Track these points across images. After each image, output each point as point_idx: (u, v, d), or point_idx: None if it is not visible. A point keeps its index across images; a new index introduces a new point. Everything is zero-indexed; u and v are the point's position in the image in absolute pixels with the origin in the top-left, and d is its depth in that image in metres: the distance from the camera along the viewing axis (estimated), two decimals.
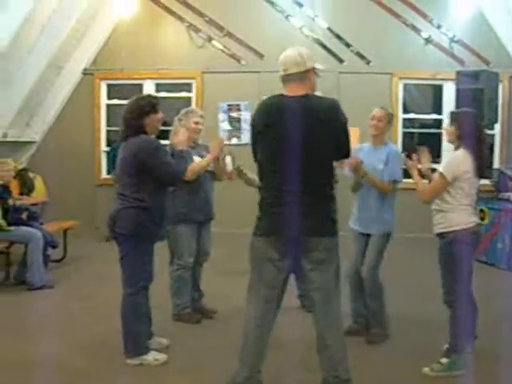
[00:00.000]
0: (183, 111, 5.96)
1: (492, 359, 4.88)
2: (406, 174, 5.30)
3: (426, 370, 4.63)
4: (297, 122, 3.78)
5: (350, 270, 5.55)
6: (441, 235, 4.69)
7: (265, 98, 4.08)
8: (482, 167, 4.61)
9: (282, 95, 3.96)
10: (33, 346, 5.18)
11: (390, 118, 5.60)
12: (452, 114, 5.03)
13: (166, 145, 5.49)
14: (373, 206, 5.42)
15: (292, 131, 3.76)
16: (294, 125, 3.77)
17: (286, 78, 3.94)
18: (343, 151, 4.01)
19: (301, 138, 3.76)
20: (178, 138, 5.15)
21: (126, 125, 4.73)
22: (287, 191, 3.82)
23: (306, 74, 3.92)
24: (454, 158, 4.62)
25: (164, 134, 5.69)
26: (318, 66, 4.00)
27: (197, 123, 5.87)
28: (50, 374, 4.53)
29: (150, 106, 4.73)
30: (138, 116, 4.68)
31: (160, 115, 4.80)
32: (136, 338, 4.78)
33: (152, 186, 4.66)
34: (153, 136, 4.81)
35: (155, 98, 4.98)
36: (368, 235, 5.48)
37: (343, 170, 5.42)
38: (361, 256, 5.51)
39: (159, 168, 4.64)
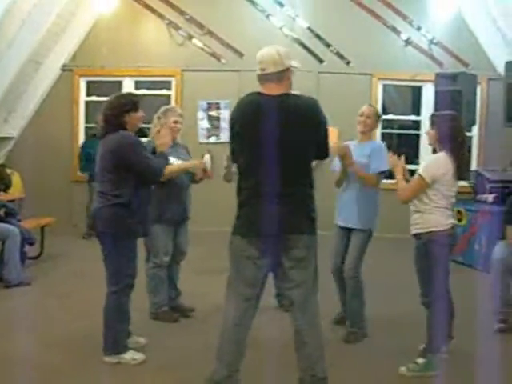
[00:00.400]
0: (162, 109, 5.94)
1: (467, 359, 4.91)
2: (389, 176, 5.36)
3: (403, 369, 4.66)
4: (276, 122, 3.75)
5: (333, 265, 5.62)
6: (417, 236, 4.71)
7: (243, 96, 4.06)
8: (462, 169, 4.63)
9: (259, 93, 3.93)
10: (9, 343, 5.15)
11: (378, 116, 5.69)
12: (432, 116, 5.04)
13: (144, 142, 5.48)
14: (355, 201, 5.44)
15: (271, 131, 3.74)
16: (272, 124, 3.74)
17: (264, 77, 3.90)
18: (323, 150, 4.01)
19: (280, 137, 3.75)
20: (163, 140, 5.07)
21: (105, 121, 4.71)
22: (266, 190, 3.80)
23: (285, 73, 3.89)
24: (434, 161, 4.64)
25: (143, 132, 5.67)
26: (294, 63, 3.97)
27: (176, 122, 5.84)
28: (27, 371, 4.51)
29: (130, 103, 4.71)
30: (119, 113, 4.65)
31: (140, 114, 4.78)
32: (116, 336, 4.76)
33: (132, 183, 4.63)
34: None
35: (136, 96, 4.97)
36: (350, 230, 5.51)
37: (331, 165, 5.54)
38: (342, 251, 5.55)
39: (139, 164, 4.62)
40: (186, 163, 5.76)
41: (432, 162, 4.64)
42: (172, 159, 5.65)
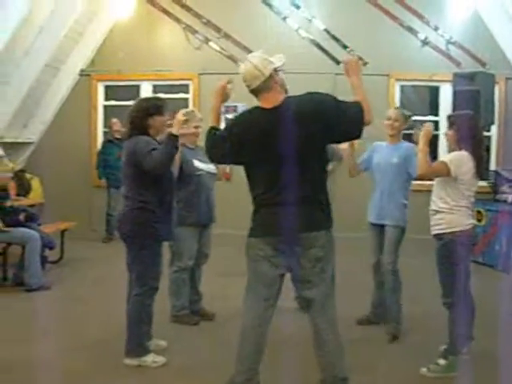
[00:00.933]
0: (184, 112, 5.96)
1: (489, 360, 4.88)
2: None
3: (424, 370, 4.65)
4: (281, 132, 3.78)
5: (373, 261, 5.83)
6: (438, 236, 4.70)
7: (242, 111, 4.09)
8: (481, 168, 4.62)
9: (259, 108, 3.96)
10: (30, 347, 5.18)
11: (405, 118, 5.78)
12: (449, 117, 5.04)
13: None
14: (386, 197, 5.64)
15: (278, 141, 3.78)
16: (279, 136, 3.79)
17: (254, 91, 3.94)
18: (351, 127, 3.93)
19: (288, 145, 3.77)
20: (183, 130, 5.01)
21: (130, 124, 4.75)
22: (280, 195, 3.85)
23: (269, 82, 3.89)
24: (459, 157, 4.60)
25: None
26: (277, 63, 3.94)
27: (197, 127, 5.89)
28: (48, 376, 4.51)
29: (155, 107, 4.75)
30: (143, 116, 4.70)
31: (165, 118, 4.80)
32: (138, 338, 4.79)
33: (155, 186, 4.65)
34: (154, 137, 4.80)
35: (162, 100, 4.98)
36: (383, 227, 5.67)
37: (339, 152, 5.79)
38: (379, 248, 5.73)
39: (140, 157, 4.58)
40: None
41: (456, 158, 4.61)
42: (196, 162, 5.70)
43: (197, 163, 5.74)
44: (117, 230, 4.77)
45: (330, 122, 3.84)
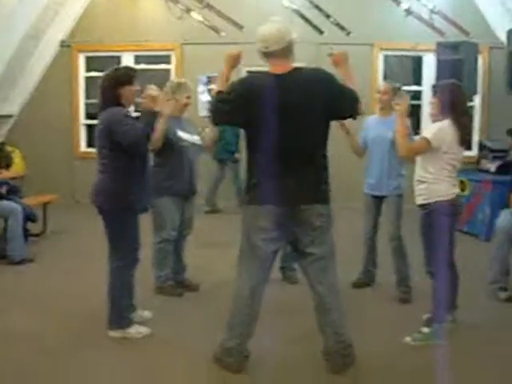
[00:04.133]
0: (173, 84, 5.90)
1: (472, 329, 4.94)
2: None
3: (408, 339, 4.67)
4: (288, 99, 3.84)
5: (367, 228, 6.02)
6: (422, 206, 4.70)
7: (247, 72, 4.09)
8: (465, 137, 4.62)
9: (268, 73, 3.99)
10: (13, 319, 5.17)
11: (395, 91, 5.82)
12: (434, 86, 5.04)
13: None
14: (383, 169, 5.77)
15: (284, 108, 3.82)
16: (285, 102, 3.83)
17: (268, 54, 3.97)
18: (350, 107, 4.05)
19: (293, 112, 3.85)
20: (164, 107, 4.97)
21: (102, 94, 4.69)
22: (280, 163, 3.87)
23: (288, 49, 3.96)
24: (441, 128, 4.58)
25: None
26: (294, 36, 4.02)
27: (189, 97, 5.88)
28: (31, 349, 4.53)
29: (125, 76, 4.67)
30: (114, 86, 4.62)
31: (136, 87, 4.72)
32: (121, 310, 4.77)
33: (127, 158, 4.60)
34: (126, 107, 4.76)
35: (133, 69, 4.91)
36: (381, 197, 5.83)
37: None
38: (375, 217, 5.95)
39: (118, 132, 4.51)
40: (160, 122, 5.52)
41: (439, 128, 4.59)
42: (180, 133, 5.66)
43: (180, 133, 5.70)
44: (91, 201, 4.73)
45: (331, 96, 3.91)
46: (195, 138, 5.85)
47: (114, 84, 4.63)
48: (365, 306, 5.58)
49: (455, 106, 4.58)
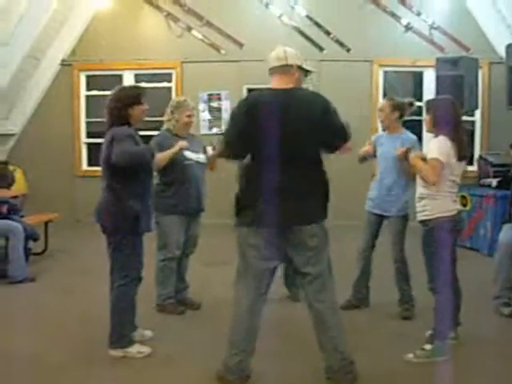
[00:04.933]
0: (174, 102, 5.92)
1: (475, 345, 4.91)
2: None
3: (410, 356, 4.64)
4: (282, 115, 3.89)
5: (363, 248, 5.91)
6: (423, 222, 4.68)
7: (247, 87, 4.17)
8: (463, 152, 4.60)
9: (268, 89, 4.12)
10: (14, 339, 5.14)
11: (394, 107, 5.76)
12: (427, 102, 5.05)
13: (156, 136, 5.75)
14: (391, 189, 5.70)
15: (277, 123, 3.85)
16: (279, 117, 3.87)
17: (270, 72, 4.12)
18: (338, 135, 4.08)
19: (286, 129, 3.86)
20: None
21: (110, 114, 4.68)
22: (272, 182, 3.89)
23: (287, 68, 4.06)
24: (439, 143, 4.56)
25: (150, 125, 5.63)
26: (306, 66, 4.16)
27: (189, 116, 5.86)
28: (32, 368, 4.51)
29: (134, 96, 4.69)
30: (122, 106, 4.63)
31: (145, 106, 4.74)
32: (122, 329, 4.75)
33: (131, 177, 4.60)
34: (134, 126, 4.76)
35: (140, 88, 4.93)
36: (383, 217, 5.78)
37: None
38: (374, 236, 5.86)
39: (115, 150, 4.49)
40: (170, 151, 5.65)
41: (438, 144, 4.56)
42: (185, 152, 5.65)
43: (186, 152, 5.69)
44: (95, 220, 4.72)
45: (324, 122, 3.95)
46: (201, 157, 5.86)
47: (122, 104, 4.64)
48: (364, 324, 5.56)
49: (450, 121, 4.57)
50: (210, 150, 5.90)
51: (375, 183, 5.85)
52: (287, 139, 3.84)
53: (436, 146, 4.57)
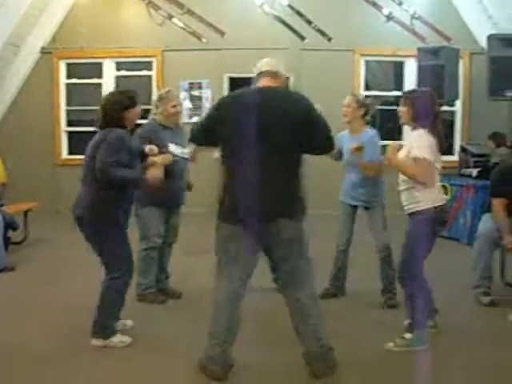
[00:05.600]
0: (157, 96, 5.90)
1: (454, 334, 4.94)
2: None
3: (390, 345, 4.66)
4: (261, 111, 3.91)
5: (341, 239, 5.92)
6: (411, 214, 4.66)
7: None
8: (442, 143, 4.60)
9: (256, 87, 4.17)
10: None
11: (360, 103, 5.72)
12: (404, 94, 5.05)
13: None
14: (363, 180, 5.68)
15: (257, 119, 3.87)
16: (258, 113, 3.89)
17: (259, 76, 4.18)
18: (323, 143, 4.14)
19: (266, 124, 3.88)
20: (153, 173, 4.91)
21: (104, 116, 4.72)
22: (251, 177, 3.89)
23: (279, 75, 4.17)
24: (421, 138, 4.55)
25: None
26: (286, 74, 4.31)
27: (174, 106, 5.81)
28: (12, 358, 4.48)
29: (129, 100, 4.77)
30: (118, 109, 4.71)
31: (138, 109, 4.85)
32: (107, 320, 4.75)
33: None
34: (127, 128, 4.82)
35: (132, 92, 4.98)
36: (355, 207, 5.83)
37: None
38: (350, 227, 5.89)
39: (101, 159, 4.52)
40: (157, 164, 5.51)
41: (422, 141, 4.55)
42: (172, 147, 5.61)
43: (172, 148, 5.62)
44: (73, 214, 4.70)
45: (309, 123, 4.00)
46: (185, 152, 5.81)
47: (118, 108, 4.72)
48: (345, 313, 5.57)
49: (429, 114, 4.56)
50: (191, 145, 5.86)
51: (347, 176, 5.87)
52: (263, 134, 3.86)
53: (422, 145, 4.53)
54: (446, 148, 4.79)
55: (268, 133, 3.87)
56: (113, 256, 4.69)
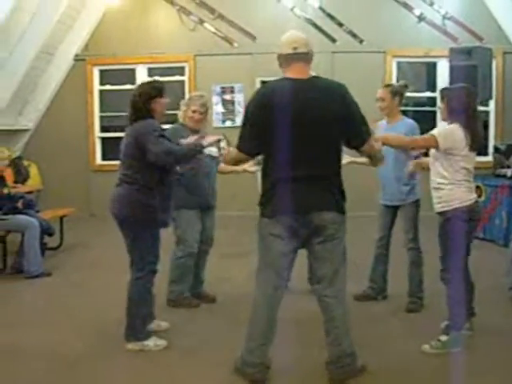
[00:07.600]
0: (188, 96, 5.92)
1: (490, 336, 4.89)
2: None
3: (426, 347, 4.63)
4: (308, 104, 3.84)
5: (379, 238, 5.84)
6: (440, 213, 4.65)
7: (260, 80, 4.10)
8: (476, 141, 4.57)
9: (288, 78, 3.97)
10: (31, 334, 5.15)
11: (394, 93, 5.66)
12: (441, 90, 5.01)
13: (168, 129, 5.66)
14: (394, 177, 5.58)
15: (303, 113, 3.82)
16: (305, 107, 3.83)
17: (295, 57, 3.95)
18: (359, 134, 4.04)
19: (311, 119, 3.83)
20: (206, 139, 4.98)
21: (133, 108, 4.74)
22: (294, 172, 3.86)
23: (311, 56, 4.01)
24: (451, 132, 4.54)
25: (167, 118, 5.61)
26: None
27: (194, 112, 5.74)
28: (49, 362, 4.52)
29: (157, 90, 4.77)
30: (146, 100, 4.70)
31: (165, 99, 4.82)
32: (139, 323, 4.76)
33: (156, 171, 4.62)
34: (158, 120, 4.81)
35: (161, 82, 5.00)
36: (395, 207, 5.69)
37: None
38: (389, 226, 5.79)
39: (151, 150, 4.54)
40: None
41: (448, 130, 4.55)
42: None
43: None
44: (111, 210, 4.72)
45: (348, 111, 3.92)
46: (212, 151, 5.76)
47: (146, 98, 4.71)
48: (380, 315, 5.53)
49: (462, 110, 4.54)
50: (222, 144, 5.85)
51: (382, 175, 5.73)
52: (306, 129, 3.82)
53: (444, 129, 4.59)
54: (480, 148, 4.75)
55: (313, 127, 3.82)
56: (142, 255, 4.70)
